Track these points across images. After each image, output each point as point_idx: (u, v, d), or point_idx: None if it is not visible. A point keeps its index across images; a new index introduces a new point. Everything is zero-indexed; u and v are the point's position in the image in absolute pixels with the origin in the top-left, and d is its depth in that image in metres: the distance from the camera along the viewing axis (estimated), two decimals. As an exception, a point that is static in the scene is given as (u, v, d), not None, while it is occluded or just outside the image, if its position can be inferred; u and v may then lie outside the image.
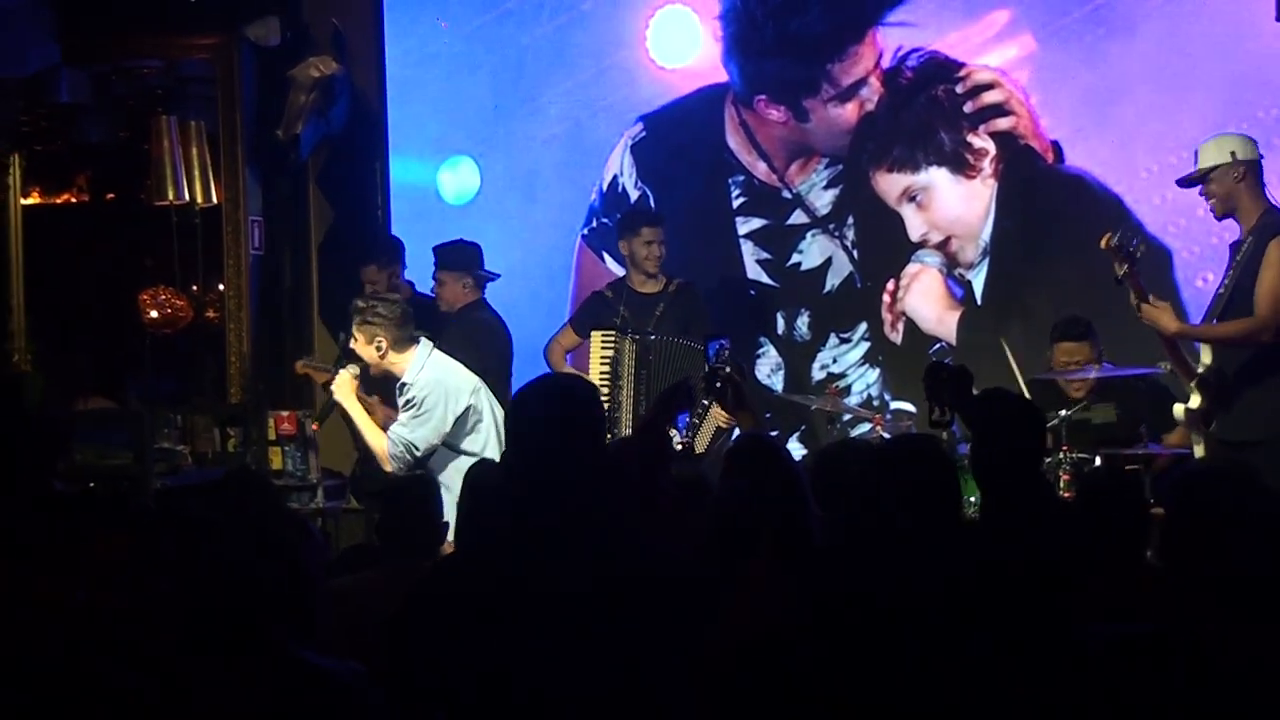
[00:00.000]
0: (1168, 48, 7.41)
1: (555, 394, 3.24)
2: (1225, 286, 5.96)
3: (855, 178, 7.85)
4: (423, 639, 3.01)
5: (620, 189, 8.12)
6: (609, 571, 2.99)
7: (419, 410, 6.06)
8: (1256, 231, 5.93)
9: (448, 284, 6.98)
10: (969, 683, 2.88)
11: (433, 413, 6.06)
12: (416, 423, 6.06)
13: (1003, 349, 6.79)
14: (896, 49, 7.76)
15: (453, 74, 8.24)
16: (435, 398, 6.07)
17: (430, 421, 6.05)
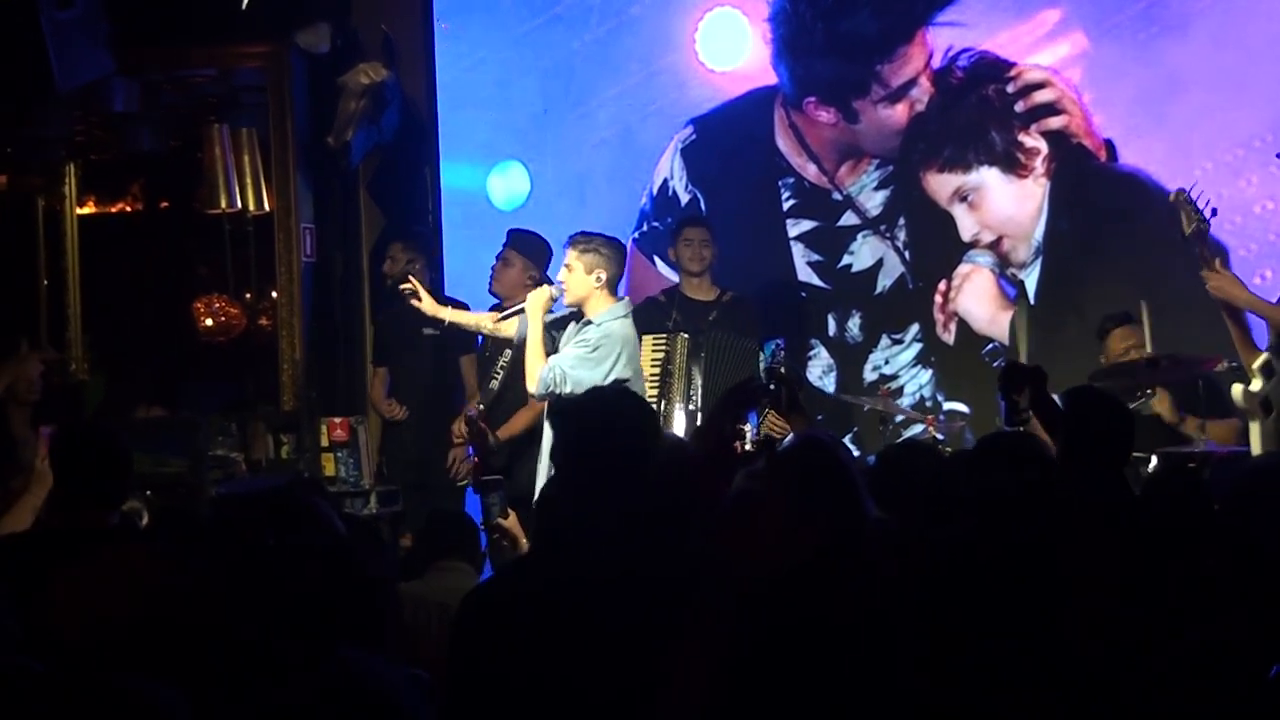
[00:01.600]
0: (1221, 44, 7.34)
1: (602, 410, 3.25)
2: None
3: (906, 178, 7.81)
4: (476, 646, 3.02)
5: (670, 192, 8.11)
6: (660, 578, 2.99)
7: (590, 352, 6.10)
8: None
9: (515, 266, 6.94)
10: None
11: (601, 362, 6.09)
12: (581, 362, 6.09)
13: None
14: (947, 49, 7.72)
15: (502, 79, 8.25)
16: (609, 350, 6.12)
17: (594, 368, 6.07)
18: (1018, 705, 2.83)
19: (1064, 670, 2.93)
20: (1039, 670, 2.84)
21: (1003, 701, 2.84)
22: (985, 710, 2.83)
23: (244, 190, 7.91)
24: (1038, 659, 2.84)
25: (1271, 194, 7.22)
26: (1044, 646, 2.85)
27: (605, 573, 2.99)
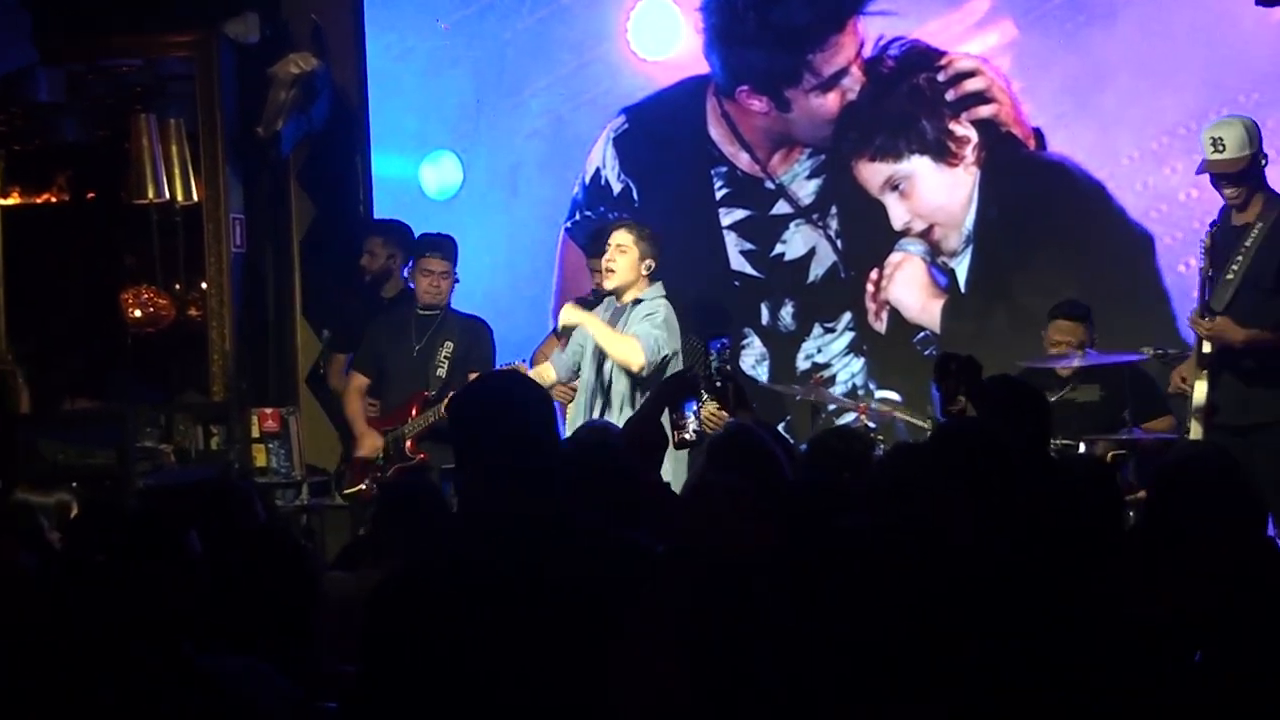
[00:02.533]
0: (1148, 33, 7.41)
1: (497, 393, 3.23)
2: (1232, 273, 5.86)
3: (838, 167, 7.84)
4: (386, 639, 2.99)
5: (603, 182, 8.10)
6: (571, 567, 2.98)
7: (661, 321, 6.36)
8: (1265, 218, 5.87)
9: (448, 275, 6.93)
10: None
11: (666, 326, 6.36)
12: (656, 327, 6.32)
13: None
14: (878, 38, 7.75)
15: (433, 69, 8.21)
16: (665, 317, 6.40)
17: (665, 331, 6.34)
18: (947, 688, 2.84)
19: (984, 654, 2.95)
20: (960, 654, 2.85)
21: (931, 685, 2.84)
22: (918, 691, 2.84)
23: (172, 181, 7.85)
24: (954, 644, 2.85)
25: (1196, 182, 7.27)
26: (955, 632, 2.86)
27: (518, 562, 2.97)
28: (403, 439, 6.87)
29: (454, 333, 6.94)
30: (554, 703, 2.80)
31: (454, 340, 6.91)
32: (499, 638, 2.84)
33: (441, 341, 6.90)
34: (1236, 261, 5.87)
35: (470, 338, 6.97)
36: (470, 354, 6.93)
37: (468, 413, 3.18)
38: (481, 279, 7.77)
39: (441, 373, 6.89)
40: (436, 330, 6.94)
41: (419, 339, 6.94)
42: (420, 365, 6.91)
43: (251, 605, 3.08)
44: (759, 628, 3.12)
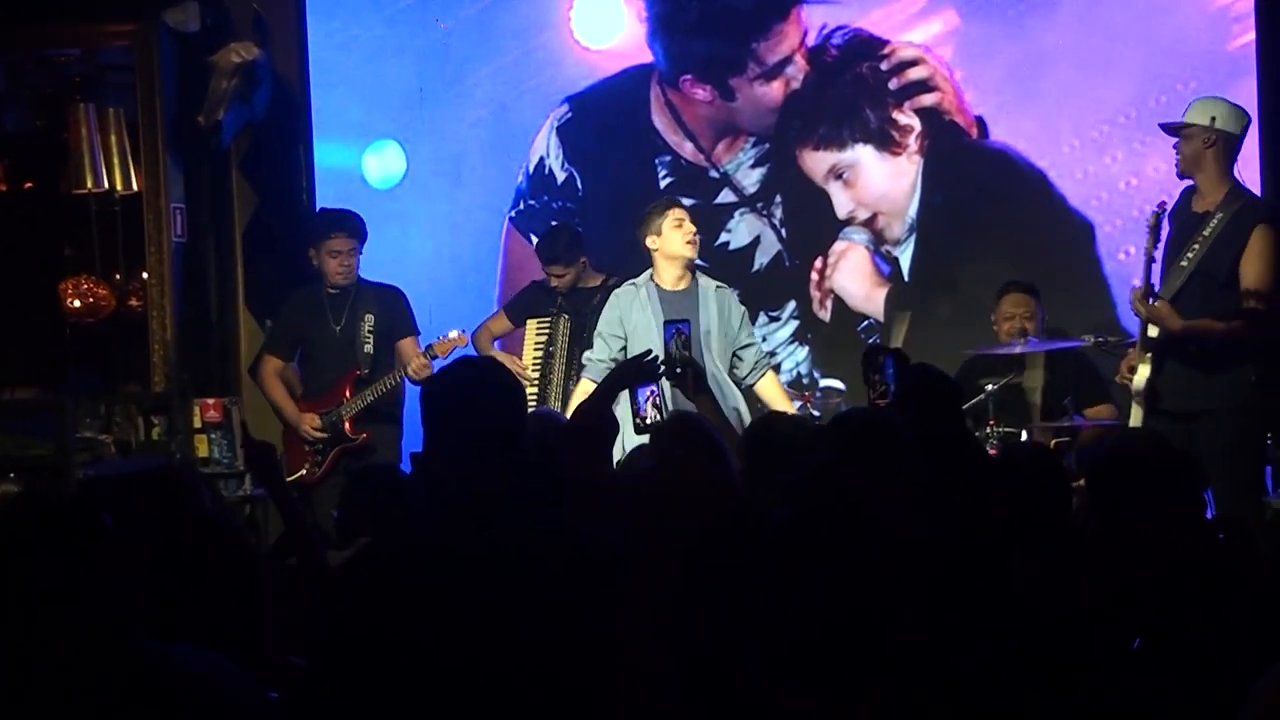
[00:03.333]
0: (1088, 22, 7.47)
1: (472, 380, 3.22)
2: (1187, 260, 5.87)
3: (782, 156, 7.86)
4: (346, 628, 2.98)
5: (547, 171, 8.09)
6: (533, 554, 2.97)
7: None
8: (1226, 210, 5.88)
9: (355, 252, 6.91)
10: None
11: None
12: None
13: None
14: (821, 26, 7.78)
15: (376, 58, 8.17)
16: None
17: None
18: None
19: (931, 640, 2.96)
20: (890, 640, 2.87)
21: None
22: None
23: (111, 170, 7.78)
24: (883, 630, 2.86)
25: (1135, 170, 7.37)
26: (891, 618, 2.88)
27: (479, 548, 2.96)
28: (340, 421, 6.82)
29: (371, 305, 6.87)
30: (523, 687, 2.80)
31: (373, 313, 6.86)
32: (462, 624, 2.83)
33: (362, 315, 6.85)
34: (1192, 250, 5.85)
35: (388, 306, 6.91)
36: (394, 323, 6.89)
37: (441, 402, 3.18)
38: (425, 268, 7.76)
39: (369, 348, 6.83)
40: (353, 306, 6.86)
41: (338, 319, 6.88)
42: (346, 344, 6.86)
43: (193, 595, 3.06)
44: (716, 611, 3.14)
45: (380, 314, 6.86)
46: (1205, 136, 5.92)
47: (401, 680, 2.76)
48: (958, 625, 3.25)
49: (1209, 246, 5.83)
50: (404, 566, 2.99)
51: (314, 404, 6.90)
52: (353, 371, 6.82)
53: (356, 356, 6.85)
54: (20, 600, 2.49)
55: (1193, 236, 5.86)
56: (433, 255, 7.95)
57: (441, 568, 2.92)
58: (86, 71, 8.32)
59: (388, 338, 6.86)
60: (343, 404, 6.80)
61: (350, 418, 6.80)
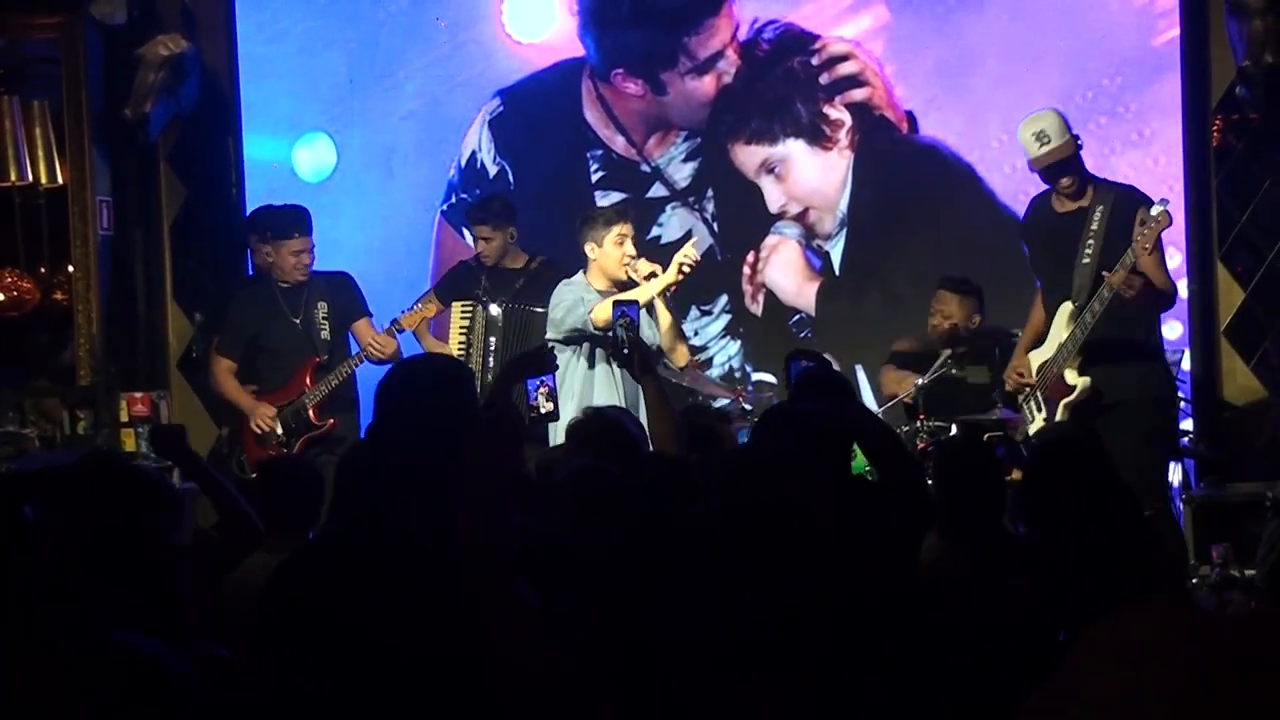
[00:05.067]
0: (1016, 18, 7.54)
1: (425, 375, 3.23)
2: (1087, 257, 5.91)
3: (713, 150, 7.87)
4: (283, 620, 2.96)
5: (479, 164, 8.07)
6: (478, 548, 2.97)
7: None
8: (1103, 201, 5.93)
9: (310, 249, 6.94)
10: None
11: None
12: None
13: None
14: (753, 21, 7.81)
15: (306, 50, 8.12)
16: None
17: None
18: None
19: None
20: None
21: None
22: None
23: (36, 163, 7.68)
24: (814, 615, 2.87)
25: (1064, 164, 7.40)
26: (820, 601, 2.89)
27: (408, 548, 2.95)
28: (303, 409, 6.84)
29: (323, 293, 6.94)
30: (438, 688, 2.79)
31: (325, 300, 6.92)
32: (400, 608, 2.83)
33: (315, 304, 6.91)
34: (1089, 245, 5.91)
35: (339, 292, 6.98)
36: (346, 308, 6.96)
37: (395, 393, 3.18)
38: (356, 261, 7.69)
39: (325, 335, 6.90)
40: (308, 297, 6.92)
41: (296, 312, 6.91)
42: (304, 335, 6.90)
43: (117, 586, 3.04)
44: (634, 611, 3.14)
45: (333, 301, 6.93)
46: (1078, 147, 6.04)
47: (335, 664, 2.75)
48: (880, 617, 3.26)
49: (1103, 240, 5.90)
50: (348, 551, 2.98)
51: (274, 396, 6.92)
52: (311, 359, 6.87)
53: (315, 345, 6.88)
54: None
55: (1080, 234, 5.93)
56: (364, 248, 7.91)
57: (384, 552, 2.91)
58: (11, 63, 8.21)
59: (342, 323, 6.94)
60: (304, 392, 6.84)
61: (315, 405, 6.81)
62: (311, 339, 6.89)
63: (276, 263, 6.90)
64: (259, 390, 6.95)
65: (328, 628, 2.87)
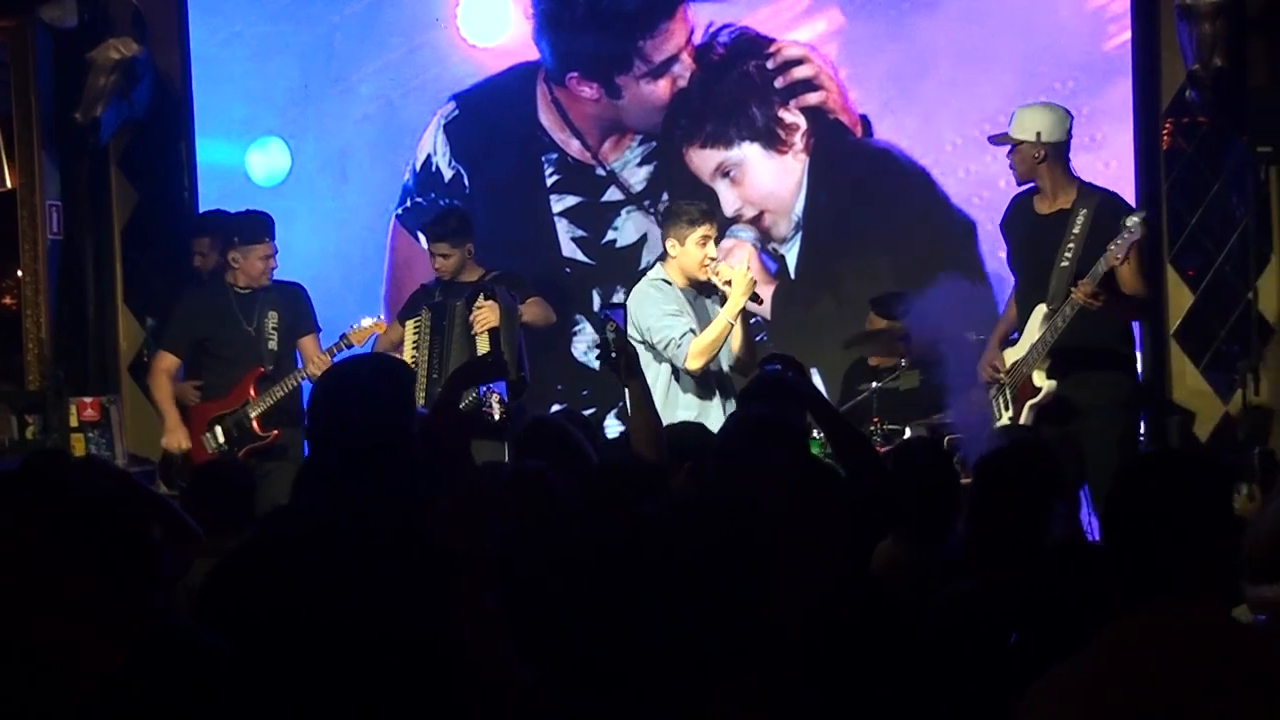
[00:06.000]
0: (968, 21, 7.56)
1: (365, 375, 3.22)
2: (1066, 260, 5.91)
3: (669, 154, 7.88)
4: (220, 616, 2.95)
5: (434, 168, 8.05)
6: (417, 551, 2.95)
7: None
8: (1086, 206, 5.93)
9: (274, 253, 6.92)
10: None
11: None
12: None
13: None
14: (708, 25, 7.81)
15: (260, 54, 8.09)
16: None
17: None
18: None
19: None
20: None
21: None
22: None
23: (-17, 167, 7.64)
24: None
25: (1016, 167, 7.44)
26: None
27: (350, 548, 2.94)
28: (246, 420, 6.80)
29: (275, 303, 6.91)
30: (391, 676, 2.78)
31: (277, 310, 6.89)
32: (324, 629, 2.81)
33: (268, 313, 6.89)
34: (1068, 249, 5.92)
35: (291, 303, 6.95)
36: (296, 321, 6.93)
37: (328, 398, 3.17)
38: (311, 265, 7.68)
39: (273, 345, 6.87)
40: (261, 305, 6.89)
41: (250, 319, 6.87)
42: (254, 343, 6.87)
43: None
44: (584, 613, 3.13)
45: (283, 311, 6.91)
46: (1035, 151, 6.03)
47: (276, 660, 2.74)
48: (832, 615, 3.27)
49: (1084, 243, 5.91)
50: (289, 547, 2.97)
51: (217, 403, 6.88)
52: (256, 369, 6.83)
53: (262, 354, 6.85)
54: None
55: (1061, 237, 5.94)
56: (318, 253, 7.88)
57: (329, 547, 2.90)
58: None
59: (290, 335, 6.90)
60: (248, 402, 6.79)
61: (258, 416, 6.76)
62: (259, 348, 6.85)
63: (243, 267, 6.85)
64: (202, 391, 6.91)
65: (268, 623, 2.85)
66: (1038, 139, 6.00)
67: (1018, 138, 6.04)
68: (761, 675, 2.81)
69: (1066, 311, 5.84)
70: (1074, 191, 6.03)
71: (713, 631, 2.83)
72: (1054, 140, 6.01)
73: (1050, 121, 6.03)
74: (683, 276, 6.31)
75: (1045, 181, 6.05)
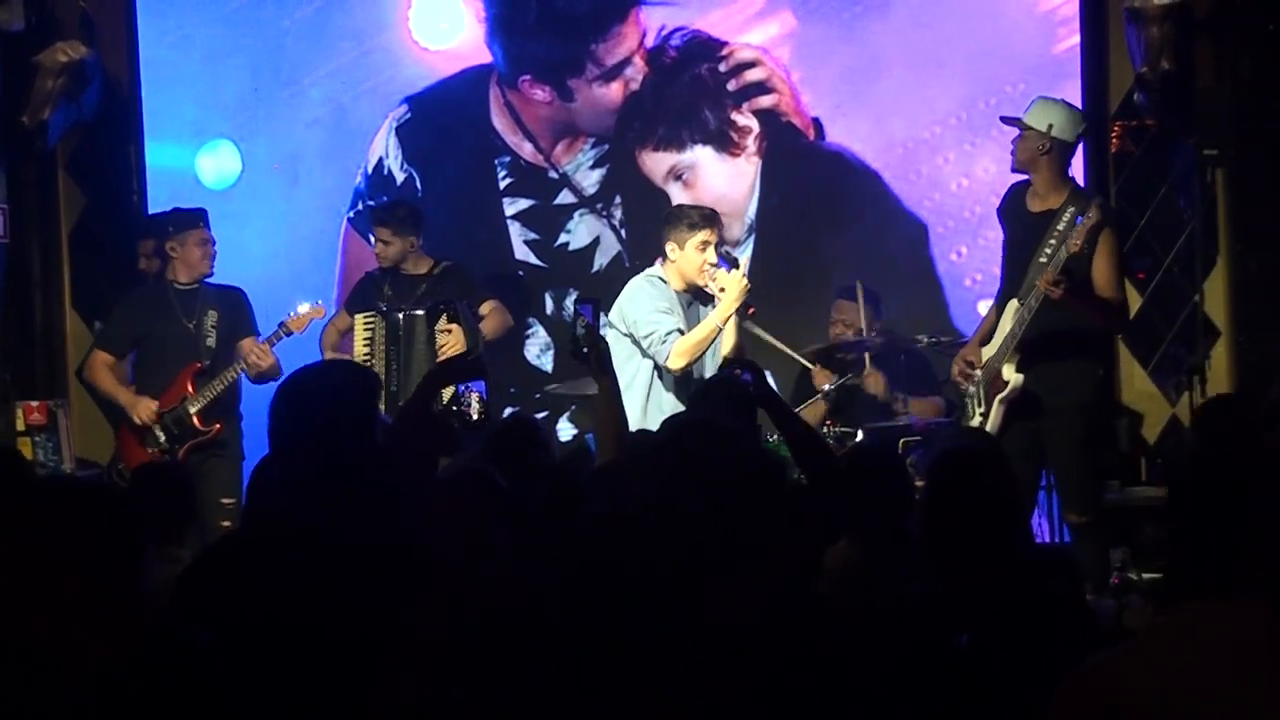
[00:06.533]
0: (920, 25, 7.58)
1: (325, 382, 3.22)
2: (1046, 256, 5.90)
3: (621, 157, 7.87)
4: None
5: (386, 171, 8.02)
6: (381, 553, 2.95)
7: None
8: (1068, 208, 5.94)
9: (213, 244, 6.93)
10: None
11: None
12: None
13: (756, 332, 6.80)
14: (660, 28, 7.81)
15: (210, 57, 8.05)
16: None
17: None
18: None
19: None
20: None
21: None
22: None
23: (-71, 170, 7.58)
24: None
25: (966, 171, 7.49)
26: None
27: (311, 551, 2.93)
28: (186, 415, 6.77)
29: (215, 303, 6.91)
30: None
31: (217, 311, 6.89)
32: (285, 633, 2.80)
33: (206, 312, 6.88)
34: (1050, 245, 5.93)
35: (231, 306, 6.95)
36: (236, 323, 6.93)
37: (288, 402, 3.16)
38: (261, 268, 7.66)
39: (211, 343, 6.87)
40: (201, 304, 6.88)
41: (190, 316, 6.87)
42: (193, 340, 6.86)
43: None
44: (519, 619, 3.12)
45: (223, 312, 6.90)
46: (1041, 143, 6.02)
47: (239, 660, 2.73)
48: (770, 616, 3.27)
49: (1063, 242, 5.92)
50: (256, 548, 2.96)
51: (156, 400, 6.83)
52: (193, 365, 6.82)
53: (200, 351, 6.84)
54: None
55: (1045, 234, 5.95)
56: (269, 256, 7.85)
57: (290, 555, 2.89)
58: (-95, 70, 8.08)
59: (229, 336, 6.89)
60: (186, 398, 6.77)
61: (198, 412, 6.75)
62: (198, 345, 6.85)
63: (181, 257, 6.86)
64: (139, 390, 6.89)
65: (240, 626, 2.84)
66: (1048, 130, 5.99)
67: (1030, 124, 6.03)
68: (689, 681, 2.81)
69: (1032, 303, 5.85)
70: (1065, 193, 6.02)
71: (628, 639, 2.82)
72: (1063, 138, 6.01)
73: (1065, 119, 6.04)
74: (680, 280, 6.27)
75: (1041, 176, 6.03)
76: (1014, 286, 6.03)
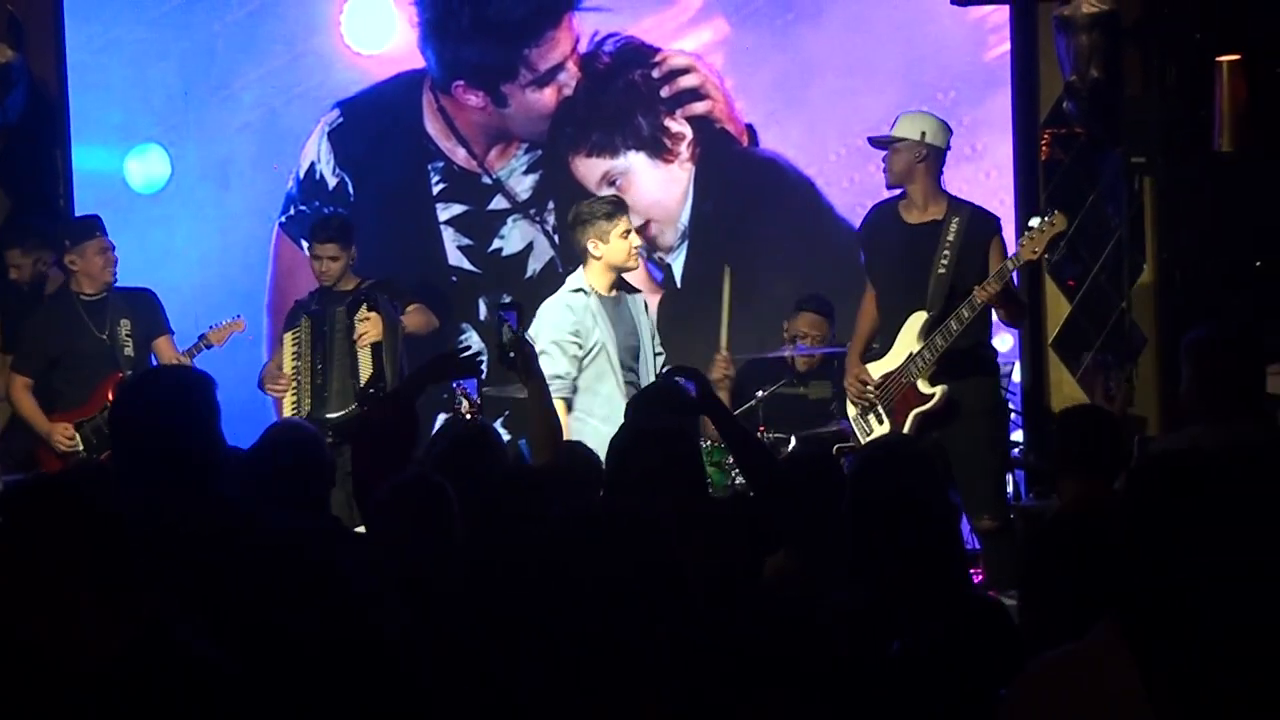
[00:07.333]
0: (852, 31, 7.63)
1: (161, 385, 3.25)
2: (943, 268, 5.95)
3: (555, 163, 7.86)
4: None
5: (318, 176, 7.97)
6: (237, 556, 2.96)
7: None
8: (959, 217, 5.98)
9: (112, 251, 6.85)
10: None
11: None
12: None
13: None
14: (593, 34, 7.81)
15: (139, 61, 7.96)
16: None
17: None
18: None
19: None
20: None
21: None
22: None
23: None
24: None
25: (900, 177, 7.51)
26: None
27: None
28: (106, 425, 6.69)
29: (126, 310, 6.84)
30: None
31: (129, 317, 6.83)
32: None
33: (118, 321, 6.82)
34: (944, 257, 5.97)
35: (142, 309, 6.89)
36: (150, 325, 6.88)
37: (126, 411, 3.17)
38: (192, 273, 7.60)
39: (129, 351, 6.81)
40: (111, 313, 6.81)
41: (101, 327, 6.79)
42: (108, 351, 6.80)
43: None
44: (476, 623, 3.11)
45: (136, 317, 6.84)
46: (916, 151, 6.05)
47: None
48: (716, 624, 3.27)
49: (958, 253, 5.96)
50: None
51: (75, 412, 6.77)
52: (114, 375, 6.73)
53: (118, 360, 6.77)
54: None
55: (936, 245, 5.98)
56: (199, 260, 7.79)
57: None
58: None
59: (145, 340, 6.85)
60: (107, 407, 6.67)
61: None
62: (115, 355, 6.78)
63: (82, 269, 6.77)
64: (59, 406, 6.80)
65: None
66: (922, 138, 6.03)
67: (903, 135, 6.07)
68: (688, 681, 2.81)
69: (964, 314, 5.87)
70: (944, 203, 6.06)
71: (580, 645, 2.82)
72: (936, 144, 6.05)
73: (935, 127, 6.09)
74: (608, 274, 6.17)
75: (918, 186, 6.05)
76: (910, 298, 6.02)
